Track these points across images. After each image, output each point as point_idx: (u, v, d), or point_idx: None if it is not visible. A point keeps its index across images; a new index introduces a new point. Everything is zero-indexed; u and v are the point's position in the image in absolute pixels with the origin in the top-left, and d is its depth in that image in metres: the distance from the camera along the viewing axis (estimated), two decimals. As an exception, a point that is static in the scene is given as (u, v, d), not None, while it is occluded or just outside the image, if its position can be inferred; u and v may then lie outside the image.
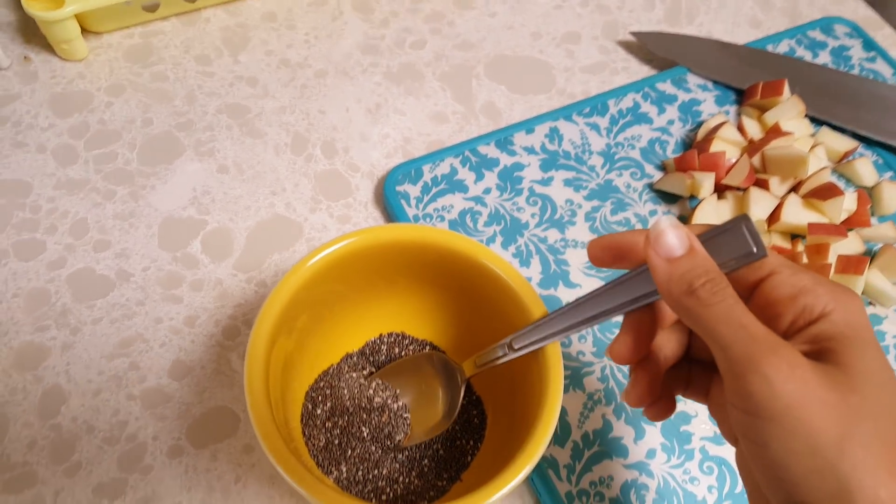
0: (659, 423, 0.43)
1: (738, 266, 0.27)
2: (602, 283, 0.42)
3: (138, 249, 0.47)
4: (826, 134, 0.53)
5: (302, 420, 0.40)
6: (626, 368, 0.44)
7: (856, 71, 0.60)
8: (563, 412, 0.43)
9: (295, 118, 0.54)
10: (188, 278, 0.47)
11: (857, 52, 0.61)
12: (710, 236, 0.27)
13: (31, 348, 0.43)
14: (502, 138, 0.52)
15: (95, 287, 0.46)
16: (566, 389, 0.44)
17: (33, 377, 0.43)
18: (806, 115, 0.53)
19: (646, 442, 0.42)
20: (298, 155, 0.52)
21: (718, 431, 0.43)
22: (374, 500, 0.38)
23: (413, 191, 0.49)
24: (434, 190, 0.49)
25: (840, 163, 0.53)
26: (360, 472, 0.39)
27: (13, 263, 0.46)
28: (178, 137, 0.52)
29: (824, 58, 0.60)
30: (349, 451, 0.39)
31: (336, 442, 0.39)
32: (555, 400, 0.33)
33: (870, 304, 0.48)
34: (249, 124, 0.53)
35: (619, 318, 0.45)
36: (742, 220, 0.26)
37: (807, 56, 0.60)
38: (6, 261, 0.46)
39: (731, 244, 0.27)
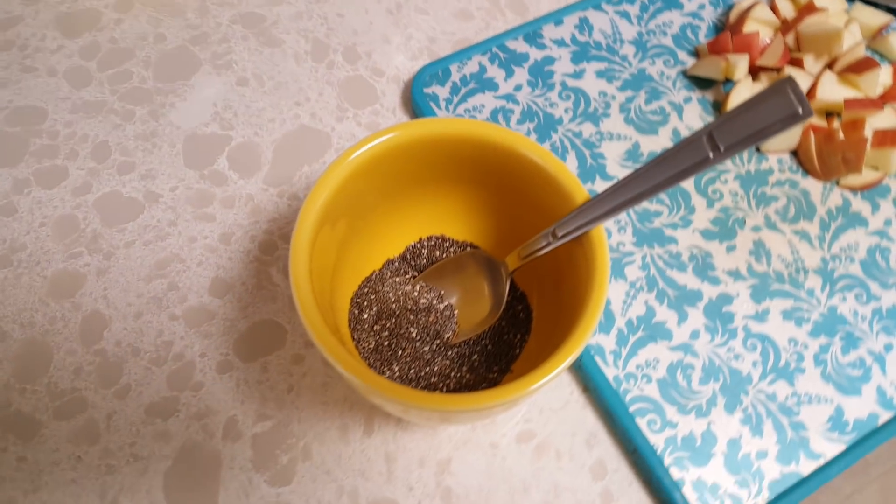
0: (701, 306, 0.41)
1: (784, 128, 0.26)
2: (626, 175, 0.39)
3: (164, 169, 0.44)
4: (859, 10, 0.50)
5: (350, 325, 0.38)
6: (665, 256, 0.42)
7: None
8: (607, 301, 0.41)
9: (313, 24, 0.50)
10: (218, 195, 0.44)
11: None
12: (756, 102, 0.26)
13: (65, 276, 0.41)
14: (530, 32, 0.48)
15: (124, 210, 0.43)
16: (609, 280, 0.42)
17: (71, 305, 0.40)
18: (839, -9, 0.50)
19: (689, 324, 0.41)
20: (320, 62, 0.48)
21: (760, 309, 0.41)
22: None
23: (442, 92, 0.46)
24: (463, 90, 0.46)
25: (874, 39, 0.49)
26: (412, 371, 0.37)
27: (36, 192, 0.43)
28: (193, 52, 0.48)
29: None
30: (399, 352, 0.37)
31: (386, 344, 0.37)
32: (602, 281, 0.31)
33: (905, 178, 0.46)
34: (266, 33, 0.49)
35: (657, 206, 0.44)
36: (787, 82, 0.25)
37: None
38: (29, 190, 0.43)
39: (776, 107, 0.26)
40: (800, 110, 0.25)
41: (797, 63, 0.45)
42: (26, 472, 0.36)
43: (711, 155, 0.28)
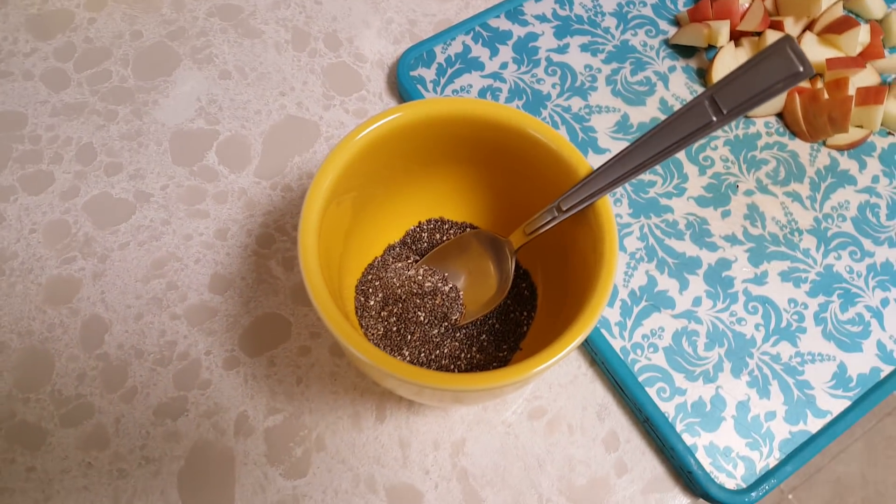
0: (701, 273, 0.41)
1: (786, 88, 0.25)
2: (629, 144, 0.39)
3: (152, 168, 0.42)
4: (834, -31, 0.49)
5: (357, 313, 0.37)
6: (662, 225, 0.42)
7: None
8: (609, 274, 0.40)
9: (291, 12, 0.48)
10: (210, 191, 0.42)
11: None
12: (756, 62, 0.26)
13: (61, 282, 0.39)
14: (512, 9, 0.47)
15: (115, 212, 0.41)
16: (609, 252, 0.41)
17: (69, 310, 0.39)
18: (813, -48, 0.49)
19: (690, 291, 0.40)
20: (301, 51, 0.47)
21: (758, 272, 0.41)
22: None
23: (428, 74, 0.44)
24: (449, 71, 0.45)
25: (849, -2, 0.49)
26: (422, 355, 0.36)
27: (23, 198, 0.41)
28: (171, 47, 0.46)
29: None
30: (409, 337, 0.36)
31: (394, 329, 0.37)
32: (611, 253, 0.30)
33: (889, 133, 0.46)
34: (244, 24, 0.47)
35: (650, 176, 0.43)
36: (786, 41, 0.25)
37: None
38: (15, 197, 0.41)
39: (777, 66, 0.25)
40: (801, 69, 0.25)
41: (777, 26, 0.45)
42: (36, 482, 0.35)
43: (715, 119, 0.27)
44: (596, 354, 0.39)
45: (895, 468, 1.12)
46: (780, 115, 0.46)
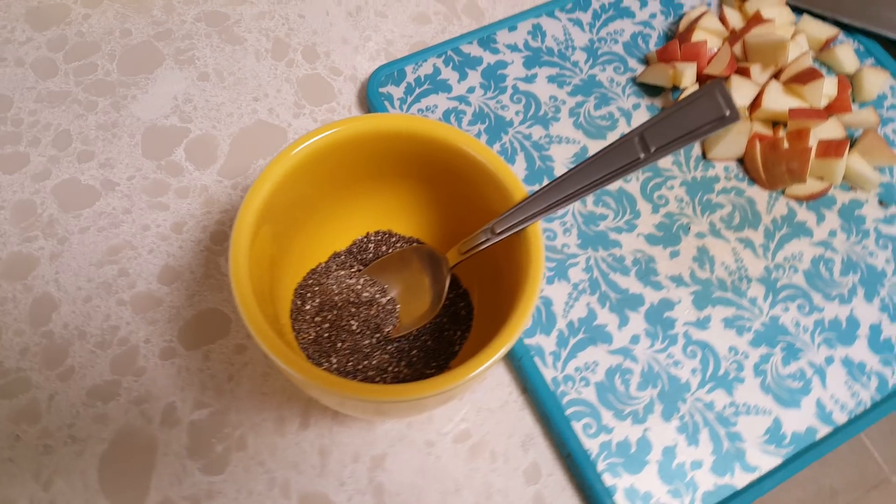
0: (642, 310, 0.37)
1: (713, 130, 0.24)
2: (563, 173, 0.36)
3: (122, 159, 0.41)
4: (807, 22, 0.46)
5: (291, 316, 0.35)
6: (609, 259, 0.39)
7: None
8: (549, 302, 0.37)
9: (274, 24, 0.46)
10: (173, 186, 0.40)
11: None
12: (685, 104, 0.24)
13: (20, 258, 0.37)
14: (485, 37, 0.44)
15: (81, 197, 0.40)
16: (551, 280, 0.38)
17: (23, 286, 0.37)
18: (787, 3, 0.46)
19: (630, 328, 0.37)
20: (279, 60, 0.45)
21: (701, 316, 0.37)
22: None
23: (396, 92, 0.42)
24: (418, 91, 0.42)
25: (821, 51, 0.46)
26: (350, 364, 0.34)
27: (-3, 177, 0.40)
28: (157, 47, 0.45)
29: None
30: (339, 344, 0.34)
31: (326, 335, 0.34)
32: (536, 275, 0.28)
33: (851, 189, 0.42)
34: (228, 31, 0.46)
35: (602, 209, 0.40)
36: (716, 85, 0.24)
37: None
38: (-10, 174, 0.40)
39: (705, 109, 0.24)
40: (727, 113, 0.24)
41: (744, 72, 0.41)
42: (-38, 451, 0.33)
43: (642, 156, 0.26)
44: (527, 382, 0.35)
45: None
46: (740, 161, 0.42)
